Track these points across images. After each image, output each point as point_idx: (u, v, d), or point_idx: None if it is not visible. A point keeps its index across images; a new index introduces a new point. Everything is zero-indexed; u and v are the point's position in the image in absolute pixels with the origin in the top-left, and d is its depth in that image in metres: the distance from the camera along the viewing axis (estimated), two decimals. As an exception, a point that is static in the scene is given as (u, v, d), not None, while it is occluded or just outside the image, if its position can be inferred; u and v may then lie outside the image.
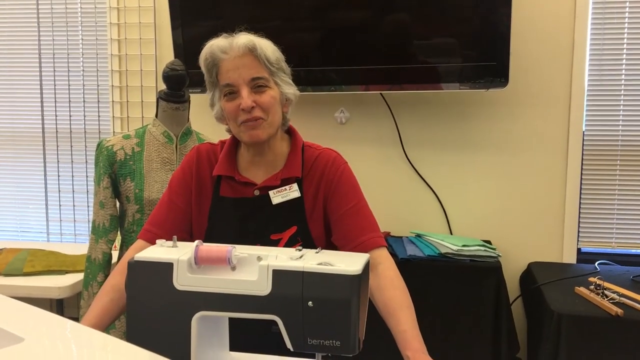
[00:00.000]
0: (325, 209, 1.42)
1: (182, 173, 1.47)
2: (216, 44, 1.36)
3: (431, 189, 2.75)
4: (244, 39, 1.35)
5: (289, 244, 1.38)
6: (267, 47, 1.36)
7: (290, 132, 1.49)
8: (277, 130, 1.42)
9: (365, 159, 2.79)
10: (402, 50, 2.52)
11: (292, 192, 1.40)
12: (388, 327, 1.26)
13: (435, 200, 2.75)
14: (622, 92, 2.62)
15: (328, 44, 2.58)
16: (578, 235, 2.67)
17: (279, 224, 1.40)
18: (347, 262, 1.03)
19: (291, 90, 1.42)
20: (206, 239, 1.39)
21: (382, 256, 1.36)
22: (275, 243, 1.38)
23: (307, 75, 2.58)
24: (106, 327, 1.29)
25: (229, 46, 1.35)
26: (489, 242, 2.57)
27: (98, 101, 3.04)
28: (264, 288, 1.02)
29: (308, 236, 1.40)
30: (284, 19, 2.58)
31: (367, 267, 1.07)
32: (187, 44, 2.67)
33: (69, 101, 3.08)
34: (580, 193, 2.65)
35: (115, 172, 2.03)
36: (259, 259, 1.06)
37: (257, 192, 1.41)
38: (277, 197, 1.39)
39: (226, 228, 1.41)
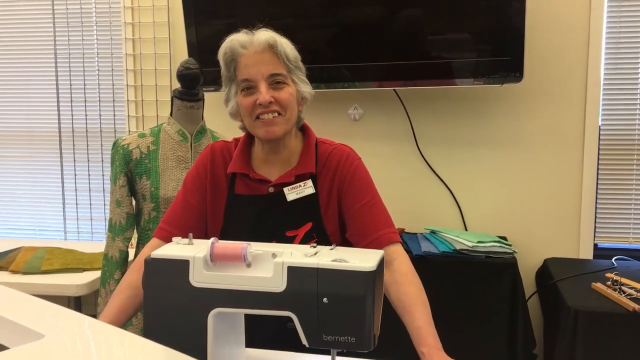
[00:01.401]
0: (340, 204, 1.42)
1: (196, 171, 1.47)
2: (236, 39, 1.36)
3: (445, 185, 2.74)
4: (265, 35, 1.35)
5: (305, 240, 1.38)
6: (286, 44, 1.37)
7: (304, 129, 1.50)
8: (293, 128, 1.43)
9: (379, 156, 2.78)
10: (416, 45, 2.51)
11: (306, 188, 1.40)
12: (403, 323, 1.26)
13: (450, 196, 2.74)
14: (639, 85, 2.58)
15: (341, 41, 2.57)
16: (595, 231, 2.65)
17: (294, 221, 1.40)
18: (361, 259, 1.03)
19: (307, 89, 1.43)
20: (221, 237, 1.39)
21: (397, 252, 1.36)
22: (290, 240, 1.38)
23: (321, 72, 2.58)
24: (123, 324, 1.30)
25: (249, 41, 1.35)
26: (504, 238, 2.56)
27: (113, 100, 3.07)
28: (279, 285, 1.03)
29: (323, 232, 1.40)
30: (297, 17, 2.58)
31: (381, 263, 1.07)
32: (201, 43, 2.68)
33: (85, 101, 3.11)
34: (597, 188, 2.63)
35: (131, 170, 2.04)
36: (274, 255, 1.06)
37: (271, 189, 1.41)
38: (292, 193, 1.40)
39: (241, 225, 1.41)
